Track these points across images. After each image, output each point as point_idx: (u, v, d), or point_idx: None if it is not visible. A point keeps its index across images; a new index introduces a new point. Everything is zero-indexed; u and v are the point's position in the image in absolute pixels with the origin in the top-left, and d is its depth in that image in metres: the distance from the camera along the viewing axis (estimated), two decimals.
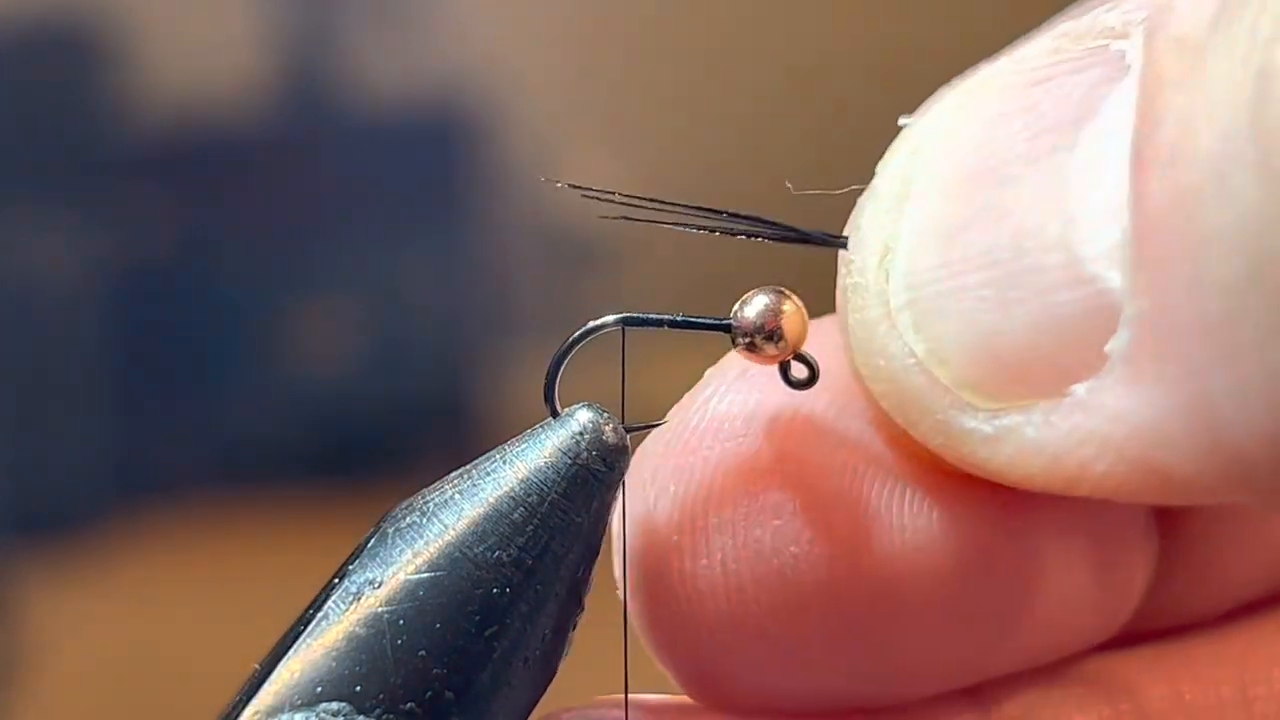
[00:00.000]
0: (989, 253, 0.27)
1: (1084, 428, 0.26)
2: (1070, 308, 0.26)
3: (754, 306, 0.30)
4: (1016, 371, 0.27)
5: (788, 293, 0.30)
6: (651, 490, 0.31)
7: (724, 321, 0.31)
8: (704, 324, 0.31)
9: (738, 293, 0.31)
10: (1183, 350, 0.25)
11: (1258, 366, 0.24)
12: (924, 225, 0.28)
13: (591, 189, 0.30)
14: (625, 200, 0.30)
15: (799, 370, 0.31)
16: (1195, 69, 0.25)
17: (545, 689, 0.30)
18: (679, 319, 0.31)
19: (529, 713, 0.30)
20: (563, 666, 0.30)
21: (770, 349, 0.30)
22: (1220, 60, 0.24)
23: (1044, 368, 0.27)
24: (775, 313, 0.30)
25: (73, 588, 1.31)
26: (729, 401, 0.31)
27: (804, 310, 0.30)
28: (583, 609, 0.30)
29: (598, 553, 0.30)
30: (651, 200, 0.28)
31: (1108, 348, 0.26)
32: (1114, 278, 0.26)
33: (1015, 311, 0.27)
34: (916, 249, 0.28)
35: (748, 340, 0.30)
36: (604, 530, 0.30)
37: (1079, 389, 0.26)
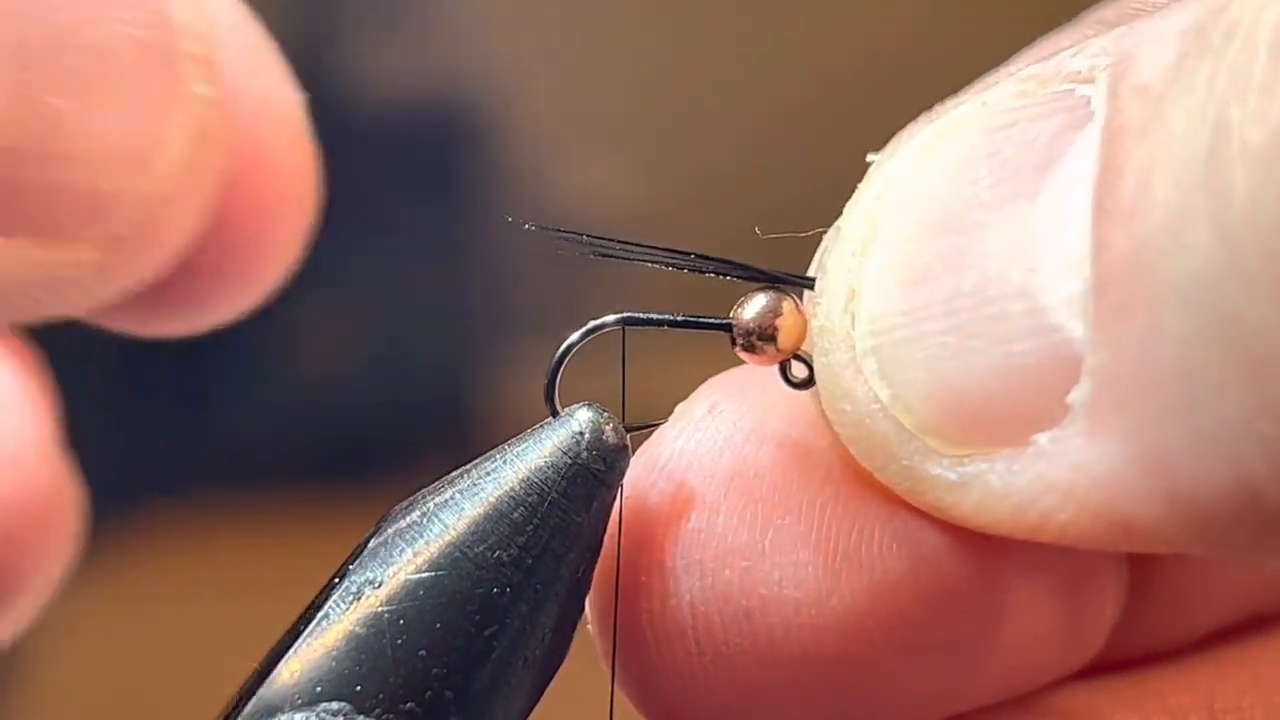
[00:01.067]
0: (952, 300, 0.27)
1: (1046, 477, 0.26)
2: (1033, 357, 0.26)
3: (753, 307, 0.30)
4: (980, 419, 0.27)
5: (787, 293, 0.30)
6: (619, 531, 0.31)
7: (724, 321, 0.31)
8: (704, 324, 0.31)
9: (739, 293, 0.31)
10: (1142, 402, 0.25)
11: (1214, 420, 0.24)
12: (888, 270, 0.28)
13: (563, 230, 0.30)
14: (594, 241, 0.30)
15: (799, 370, 0.31)
16: (1155, 119, 0.25)
17: (545, 689, 0.30)
18: (679, 318, 0.31)
19: (528, 713, 0.30)
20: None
21: (769, 349, 0.30)
22: (1178, 112, 0.24)
23: (1007, 416, 0.27)
24: (774, 313, 0.30)
25: (73, 588, 1.31)
26: (696, 441, 0.31)
27: (803, 311, 0.30)
28: (583, 609, 0.30)
29: (598, 553, 0.30)
30: (621, 242, 0.28)
31: (1069, 398, 0.26)
32: (1076, 328, 0.26)
33: (978, 359, 0.27)
34: (881, 294, 0.28)
35: (746, 340, 0.30)
36: (604, 530, 0.30)
37: (1042, 438, 0.26)
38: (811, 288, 0.30)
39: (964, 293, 0.27)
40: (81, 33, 0.26)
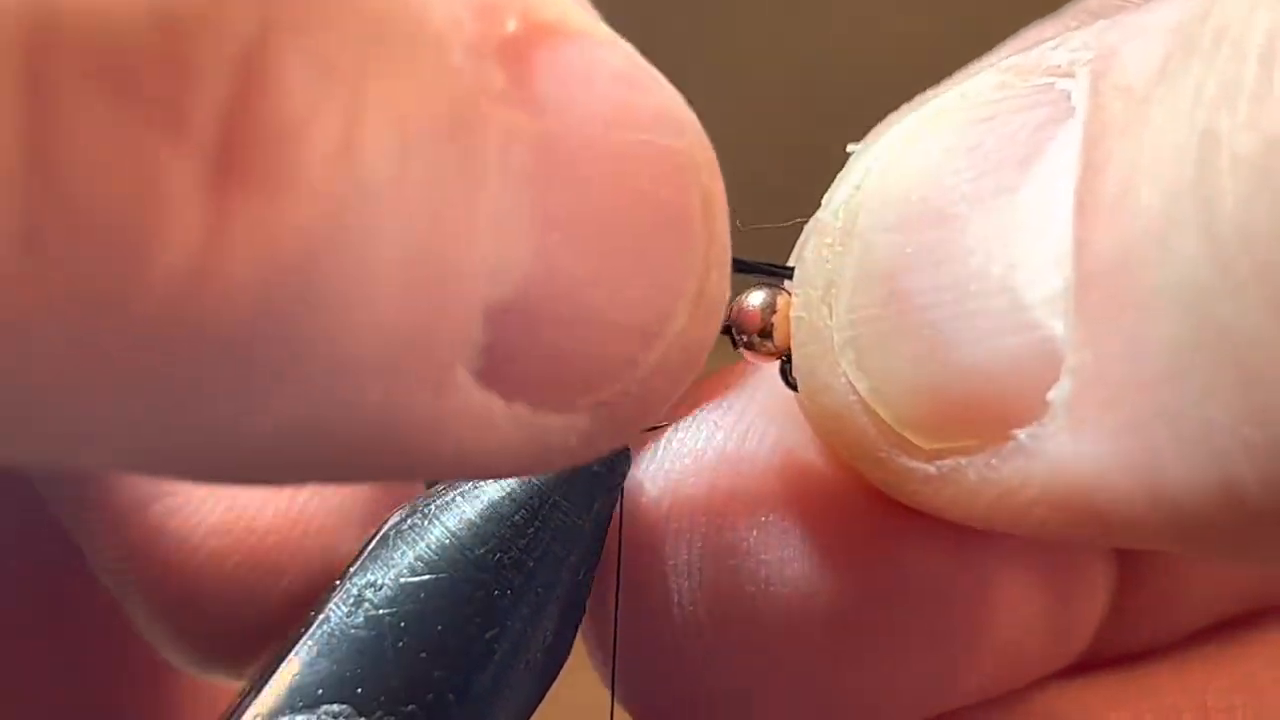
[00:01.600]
0: (932, 293, 0.27)
1: (1024, 472, 0.26)
2: (1013, 352, 0.26)
3: (749, 305, 0.30)
4: (958, 413, 0.27)
5: (785, 290, 0.30)
6: (619, 533, 0.31)
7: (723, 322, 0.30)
8: None
9: (741, 288, 0.31)
10: (1125, 402, 0.25)
11: (1199, 423, 0.24)
12: (867, 263, 0.28)
13: None
14: None
15: None
16: (1139, 121, 0.25)
17: (546, 691, 0.30)
18: None
19: (529, 715, 0.30)
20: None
21: (766, 345, 0.30)
22: (1164, 115, 0.24)
23: (986, 411, 0.27)
24: (770, 310, 0.30)
25: None
26: (679, 440, 0.31)
27: None
28: (584, 612, 0.30)
29: (599, 555, 0.30)
30: None
31: (1050, 395, 0.26)
32: (1057, 325, 0.25)
33: (957, 354, 0.27)
34: (859, 286, 0.28)
35: (744, 337, 0.30)
36: (605, 533, 0.30)
37: (1021, 434, 0.26)
38: (790, 278, 0.30)
39: (944, 286, 0.27)
40: (606, 194, 0.25)
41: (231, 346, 0.21)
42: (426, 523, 0.30)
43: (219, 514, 0.34)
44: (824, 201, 0.29)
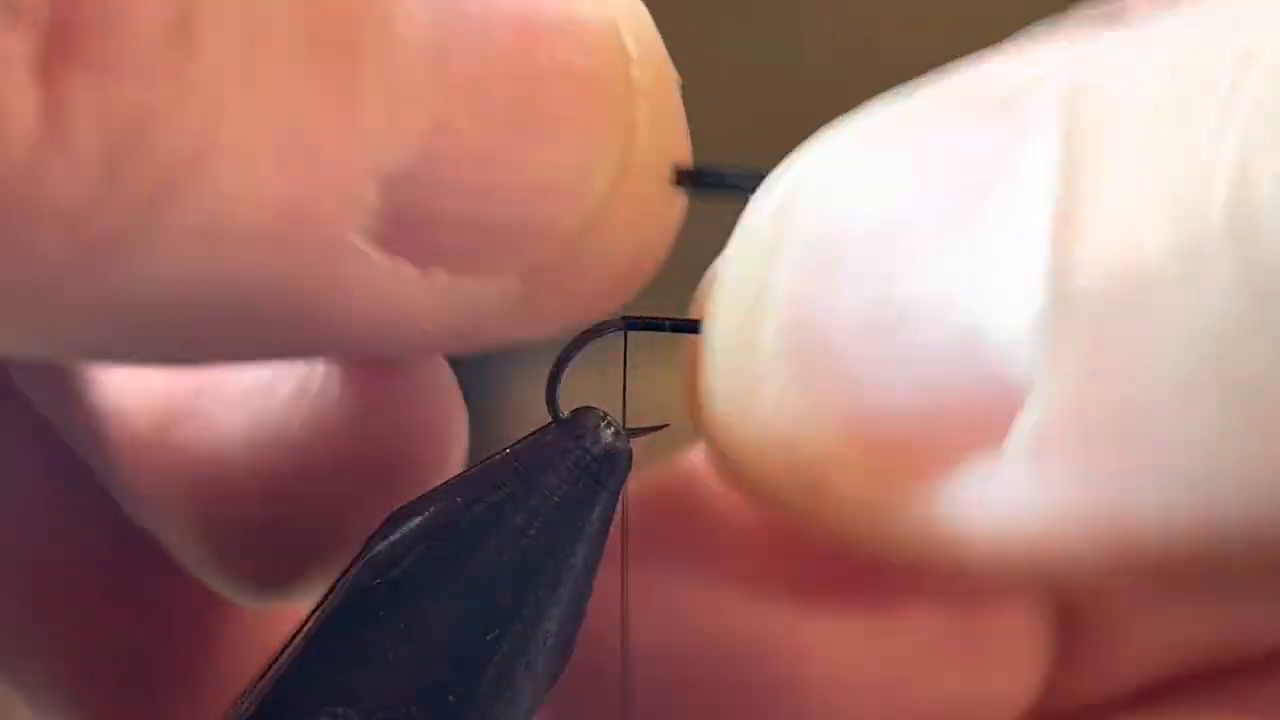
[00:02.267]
0: (874, 316, 0.24)
1: (972, 514, 0.24)
2: (964, 383, 0.24)
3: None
4: (900, 449, 0.24)
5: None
6: (624, 536, 0.31)
7: None
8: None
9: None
10: (1102, 441, 0.22)
11: (1204, 462, 0.22)
12: (799, 284, 0.25)
13: None
14: None
15: None
16: (1139, 141, 0.22)
17: (548, 693, 0.30)
18: (682, 321, 0.31)
19: (531, 717, 0.30)
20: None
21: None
22: (1175, 137, 0.22)
23: (931, 446, 0.24)
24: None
25: None
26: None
27: None
28: (585, 615, 0.30)
29: (600, 558, 0.30)
30: None
31: (1009, 430, 0.23)
32: (1019, 355, 0.23)
33: (901, 384, 0.24)
34: (789, 309, 0.25)
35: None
36: (606, 535, 0.30)
37: (971, 472, 0.24)
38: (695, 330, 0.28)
39: (887, 312, 0.24)
40: (510, 62, 0.25)
41: (79, 216, 0.22)
42: (426, 524, 0.30)
43: (242, 429, 0.34)
44: (746, 217, 0.27)
